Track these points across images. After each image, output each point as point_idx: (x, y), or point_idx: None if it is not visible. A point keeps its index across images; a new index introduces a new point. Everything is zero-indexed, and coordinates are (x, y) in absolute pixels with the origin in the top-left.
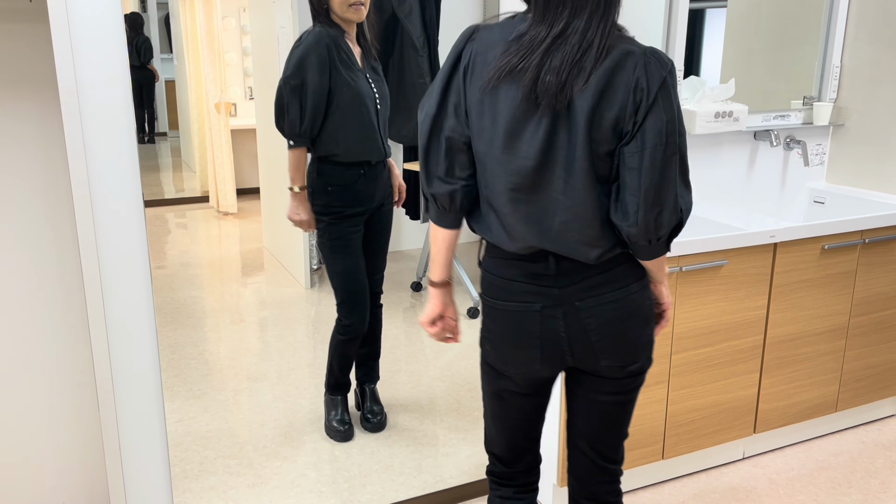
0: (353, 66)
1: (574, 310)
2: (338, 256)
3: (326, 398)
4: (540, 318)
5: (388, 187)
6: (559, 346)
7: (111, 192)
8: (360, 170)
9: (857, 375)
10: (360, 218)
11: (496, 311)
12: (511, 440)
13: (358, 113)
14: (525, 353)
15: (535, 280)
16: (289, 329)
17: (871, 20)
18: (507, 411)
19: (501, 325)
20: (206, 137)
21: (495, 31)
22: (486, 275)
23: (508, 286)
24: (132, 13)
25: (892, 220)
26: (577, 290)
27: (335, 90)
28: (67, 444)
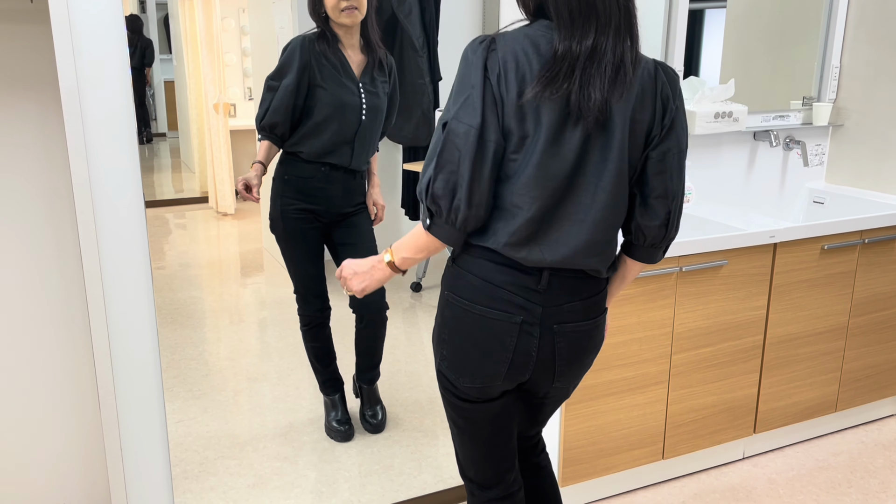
0: (341, 74)
1: (549, 332)
2: (289, 248)
3: (325, 399)
4: (517, 332)
5: (358, 197)
6: (526, 364)
7: (112, 193)
8: (322, 167)
9: (856, 375)
10: (312, 216)
11: (468, 316)
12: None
13: (334, 121)
14: (489, 366)
15: (522, 292)
16: (289, 329)
17: (871, 21)
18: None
19: (470, 331)
20: (205, 138)
21: (518, 40)
22: (466, 275)
23: (493, 292)
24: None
25: (891, 220)
26: (557, 312)
27: (312, 95)
28: (68, 444)
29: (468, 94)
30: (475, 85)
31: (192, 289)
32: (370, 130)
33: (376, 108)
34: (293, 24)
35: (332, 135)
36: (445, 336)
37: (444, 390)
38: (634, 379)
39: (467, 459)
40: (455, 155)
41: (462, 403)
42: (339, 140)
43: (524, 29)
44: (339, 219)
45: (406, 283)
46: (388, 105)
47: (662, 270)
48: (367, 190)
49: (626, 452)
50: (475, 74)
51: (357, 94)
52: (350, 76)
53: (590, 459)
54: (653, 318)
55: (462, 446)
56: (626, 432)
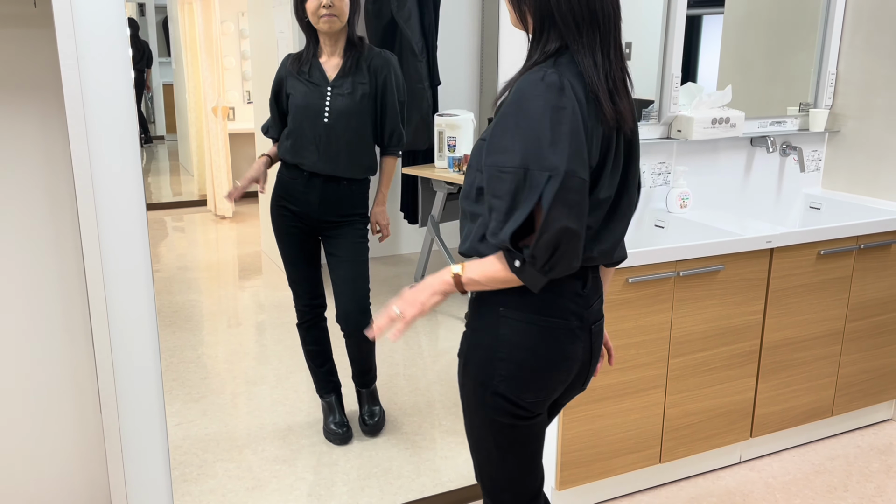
0: (310, 78)
1: (589, 333)
2: (279, 243)
3: (322, 402)
4: (573, 338)
5: (345, 208)
6: (578, 368)
7: (115, 196)
8: (303, 172)
9: (852, 380)
10: (295, 217)
11: (531, 329)
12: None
13: (298, 124)
14: (554, 376)
15: (574, 299)
16: (287, 332)
17: (867, 28)
18: (521, 439)
19: (535, 344)
20: (203, 141)
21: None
22: (525, 288)
23: (554, 301)
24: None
25: (887, 225)
26: (591, 312)
27: (289, 100)
28: (69, 446)
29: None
30: (577, 131)
31: (190, 292)
32: (339, 135)
33: (343, 112)
34: (293, 29)
35: (296, 138)
36: (503, 354)
37: (496, 414)
38: (632, 383)
39: (505, 481)
40: (567, 211)
41: (518, 423)
42: (302, 143)
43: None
44: (325, 226)
45: (404, 286)
46: (381, 106)
47: (660, 275)
48: (373, 206)
49: (624, 456)
50: (573, 117)
51: (321, 97)
52: (320, 81)
53: (587, 463)
54: (650, 323)
55: (501, 468)
56: (624, 436)
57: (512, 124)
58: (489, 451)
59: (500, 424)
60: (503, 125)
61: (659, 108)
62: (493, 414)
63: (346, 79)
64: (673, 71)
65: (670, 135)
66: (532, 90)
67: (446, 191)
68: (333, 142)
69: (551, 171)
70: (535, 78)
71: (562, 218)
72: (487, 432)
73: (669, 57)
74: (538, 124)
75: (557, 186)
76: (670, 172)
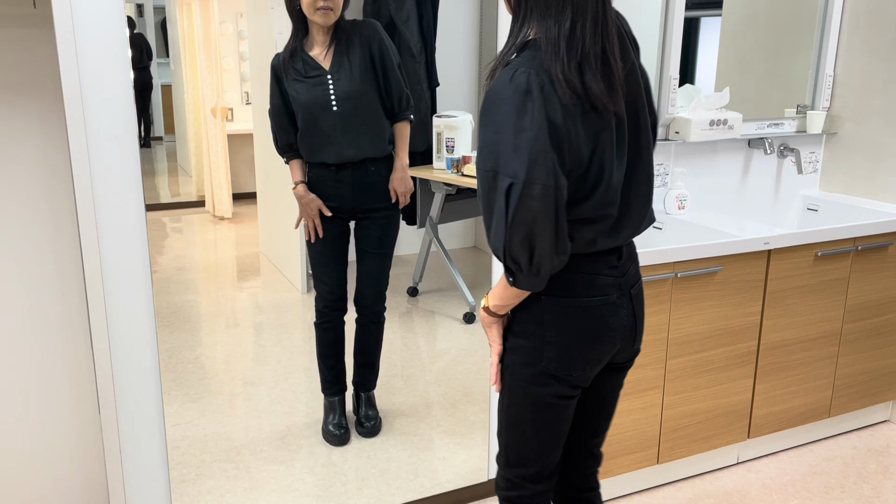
0: (307, 74)
1: (629, 298)
2: (310, 243)
3: (325, 401)
4: (615, 309)
5: (379, 199)
6: (624, 336)
7: (114, 197)
8: (330, 167)
9: (849, 381)
10: (332, 213)
11: (573, 310)
12: (555, 448)
13: (310, 120)
14: (601, 349)
15: (611, 272)
16: (285, 333)
17: (864, 30)
18: (559, 417)
19: (579, 323)
20: (202, 142)
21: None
22: (561, 273)
23: (592, 280)
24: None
25: (884, 227)
26: (629, 278)
27: (293, 102)
28: (67, 447)
29: (533, 148)
30: (539, 137)
31: (188, 293)
32: (352, 118)
33: (350, 95)
34: (291, 30)
35: (311, 135)
36: (550, 338)
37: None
38: (630, 384)
39: (530, 458)
40: (529, 216)
41: (559, 402)
42: (319, 138)
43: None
44: (358, 217)
45: (402, 287)
46: (382, 72)
47: (658, 276)
48: (391, 174)
49: (622, 457)
50: (537, 123)
51: (324, 87)
52: (317, 73)
53: None
54: (648, 324)
55: (530, 448)
56: (622, 437)
57: (485, 124)
58: (524, 430)
59: (544, 403)
60: (482, 123)
61: (657, 110)
62: (540, 391)
63: (342, 61)
64: (671, 73)
65: (668, 136)
66: (501, 92)
67: (445, 192)
68: (351, 127)
69: (513, 177)
70: (504, 79)
71: (526, 223)
72: (528, 411)
73: (667, 59)
74: (503, 128)
75: (519, 193)
76: (668, 174)
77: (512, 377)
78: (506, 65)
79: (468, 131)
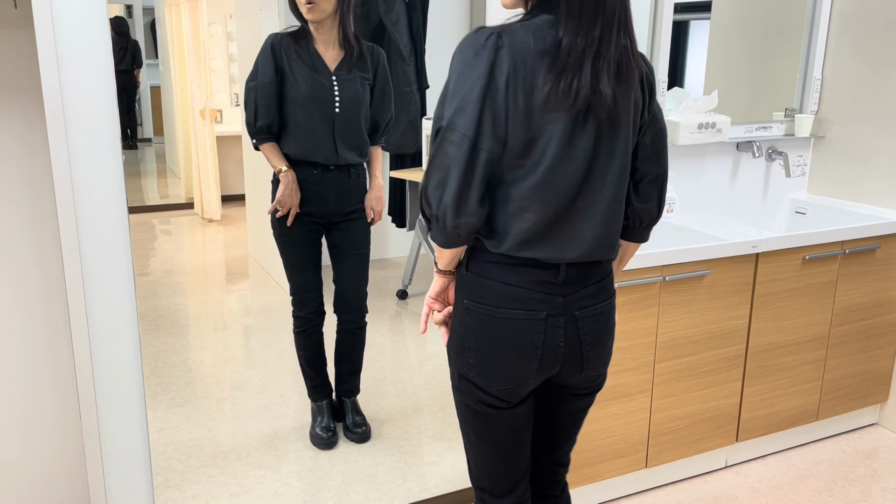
0: (312, 69)
1: (573, 319)
2: (287, 250)
3: (312, 405)
4: (543, 327)
5: (355, 200)
6: (555, 356)
7: (95, 199)
8: (314, 170)
9: (837, 384)
10: (309, 218)
11: (493, 320)
12: (504, 461)
13: (309, 117)
14: (520, 364)
15: (542, 287)
16: (273, 337)
17: (852, 34)
18: (496, 427)
19: (497, 335)
20: (191, 144)
21: (525, 37)
22: (485, 280)
23: (514, 293)
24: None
25: (871, 230)
26: (577, 298)
27: (286, 90)
28: (48, 452)
29: (465, 97)
30: (474, 88)
31: (176, 295)
32: (350, 123)
33: (353, 100)
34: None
35: (308, 131)
36: (471, 344)
37: (468, 399)
38: (618, 388)
39: (483, 468)
40: (445, 161)
41: (488, 410)
42: (318, 136)
43: (526, 23)
44: (336, 220)
45: (392, 290)
46: (379, 96)
47: (646, 280)
48: (367, 194)
49: (610, 461)
50: (476, 76)
51: (329, 86)
52: (322, 70)
53: (574, 468)
54: (636, 327)
55: (479, 455)
56: (610, 441)
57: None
58: (469, 437)
59: (475, 411)
60: None
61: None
62: (466, 399)
63: (350, 70)
64: (659, 76)
65: None
66: (461, 45)
67: None
68: (346, 132)
69: (441, 121)
70: (470, 33)
71: (441, 167)
72: (465, 418)
73: (656, 62)
74: (451, 76)
75: (441, 137)
76: None
77: (452, 382)
78: None
79: None
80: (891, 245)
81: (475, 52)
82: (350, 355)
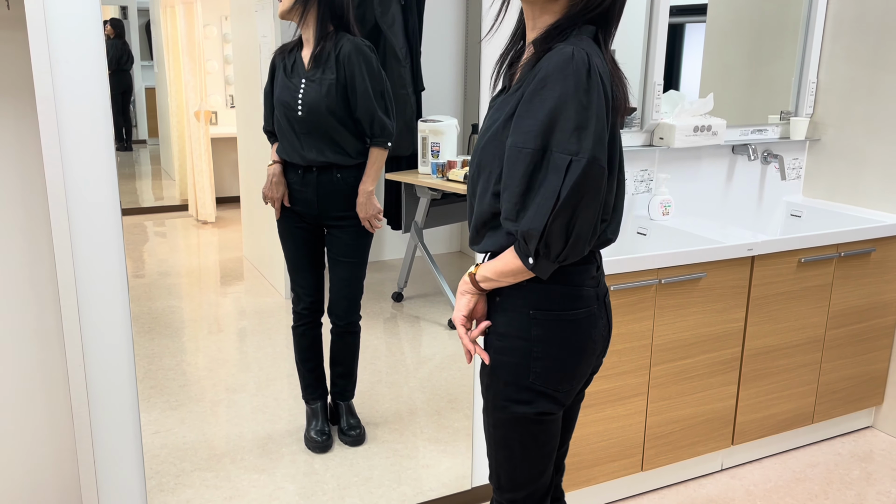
0: (290, 72)
1: (604, 306)
2: (283, 244)
3: (307, 408)
4: (596, 321)
5: (343, 203)
6: (604, 346)
7: (88, 201)
8: (297, 170)
9: (833, 387)
10: (299, 217)
11: (561, 324)
12: (544, 468)
13: (279, 117)
14: (586, 362)
15: (591, 282)
16: (268, 339)
17: (847, 37)
18: (547, 435)
19: (566, 339)
20: (185, 145)
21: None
22: (549, 287)
23: (577, 292)
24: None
25: (866, 234)
26: (603, 287)
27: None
28: (40, 456)
29: (597, 125)
30: (600, 117)
31: (170, 298)
32: (314, 124)
33: (315, 103)
34: (276, 33)
35: (280, 134)
36: (538, 353)
37: (530, 410)
38: (614, 391)
39: (521, 480)
40: (585, 197)
41: (546, 418)
42: (288, 139)
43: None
44: (329, 224)
45: (387, 293)
46: (352, 93)
47: (642, 283)
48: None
49: (606, 464)
50: (599, 100)
51: (295, 90)
52: (297, 74)
53: (569, 471)
54: (632, 330)
55: (520, 468)
56: (606, 444)
57: (538, 104)
58: (512, 450)
59: (529, 420)
60: (528, 104)
61: (641, 116)
62: (526, 410)
63: (318, 69)
64: (655, 79)
65: (652, 142)
66: (562, 69)
67: (430, 197)
68: (313, 132)
69: (573, 154)
70: (564, 56)
71: (580, 206)
72: (513, 430)
73: (652, 65)
74: (563, 105)
75: (579, 172)
76: (652, 180)
77: (496, 396)
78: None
79: (453, 136)
80: (886, 248)
81: (587, 75)
82: (341, 359)
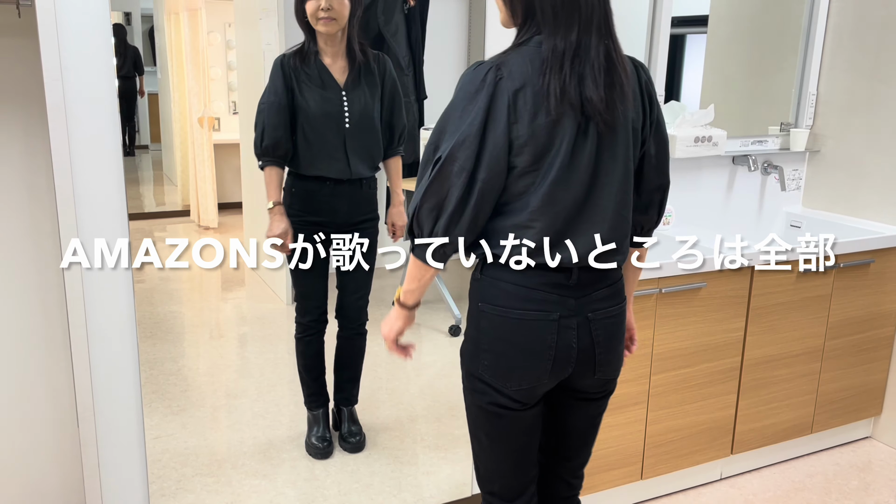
0: (322, 84)
1: (586, 321)
2: (298, 263)
3: (308, 414)
4: (556, 328)
5: (367, 210)
6: (568, 357)
7: (96, 207)
8: (326, 182)
9: (832, 398)
10: (318, 227)
11: (507, 322)
12: (514, 464)
13: (318, 132)
14: (535, 365)
15: (555, 290)
16: (269, 345)
17: (847, 50)
18: (508, 429)
19: (511, 335)
20: (188, 151)
21: (523, 65)
22: (498, 283)
23: (528, 294)
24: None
25: (866, 245)
26: (589, 301)
27: (297, 109)
28: (45, 459)
29: (466, 131)
30: (474, 123)
31: (172, 303)
32: (362, 137)
33: (363, 114)
34: (280, 40)
35: (319, 148)
36: (485, 346)
37: (481, 400)
38: (613, 399)
39: (493, 472)
40: (443, 189)
41: (501, 411)
42: (328, 152)
43: (521, 49)
44: (345, 229)
45: (388, 300)
46: (389, 104)
47: (642, 292)
48: (388, 209)
49: (605, 472)
50: (477, 110)
51: (339, 102)
52: (331, 85)
53: None
54: None
55: (490, 459)
56: (605, 452)
57: (448, 105)
58: (480, 440)
59: (487, 412)
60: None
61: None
62: (479, 400)
63: (359, 83)
64: (657, 90)
65: None
66: (461, 80)
67: None
68: (358, 146)
69: (442, 153)
70: (470, 69)
71: (437, 194)
72: (476, 420)
73: (653, 75)
74: (453, 111)
75: (440, 167)
76: None
77: (463, 381)
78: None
79: None
80: (885, 259)
81: (475, 89)
82: (350, 362)
